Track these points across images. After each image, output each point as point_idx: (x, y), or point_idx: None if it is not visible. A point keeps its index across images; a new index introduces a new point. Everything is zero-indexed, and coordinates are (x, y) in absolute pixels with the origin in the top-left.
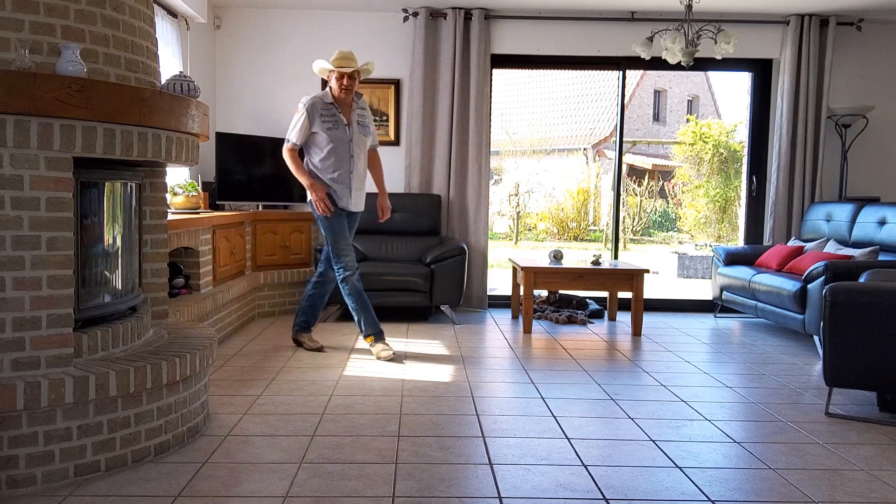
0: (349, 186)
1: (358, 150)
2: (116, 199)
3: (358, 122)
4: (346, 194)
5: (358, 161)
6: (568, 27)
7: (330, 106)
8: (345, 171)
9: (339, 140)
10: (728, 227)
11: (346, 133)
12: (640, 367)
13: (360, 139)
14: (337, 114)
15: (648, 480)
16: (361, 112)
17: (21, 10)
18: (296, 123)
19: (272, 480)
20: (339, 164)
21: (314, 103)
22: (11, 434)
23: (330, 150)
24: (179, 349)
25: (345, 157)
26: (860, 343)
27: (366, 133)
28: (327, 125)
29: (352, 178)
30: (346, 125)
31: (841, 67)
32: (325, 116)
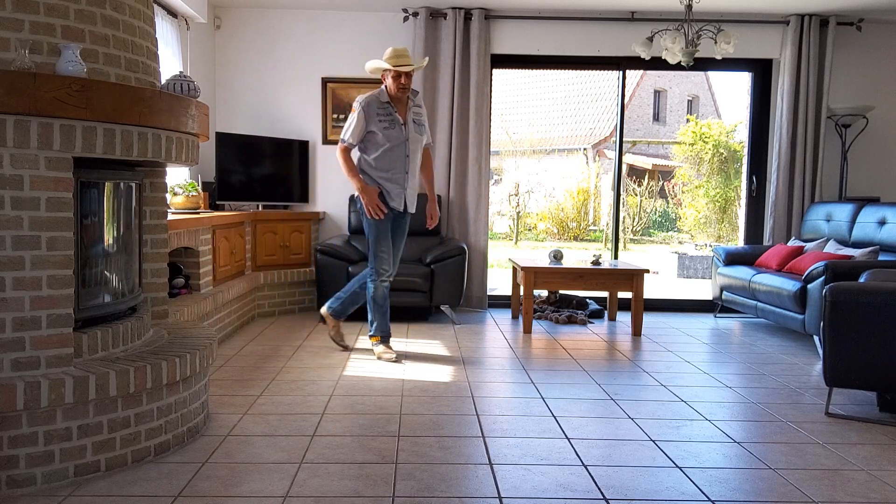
0: (403, 186)
1: (414, 148)
2: (116, 199)
3: (414, 121)
4: (399, 194)
5: (413, 160)
6: (568, 27)
7: (386, 105)
8: (399, 170)
9: (396, 139)
10: (728, 227)
11: (402, 132)
12: (640, 367)
13: (415, 138)
14: (393, 113)
15: (648, 480)
16: (417, 110)
17: (21, 10)
18: (351, 123)
19: (272, 480)
20: (395, 163)
21: (370, 102)
22: (11, 434)
23: (386, 149)
24: (179, 349)
25: (400, 157)
26: (860, 343)
27: (421, 132)
28: (384, 124)
29: (407, 177)
30: (402, 124)
31: (841, 67)
32: (381, 115)
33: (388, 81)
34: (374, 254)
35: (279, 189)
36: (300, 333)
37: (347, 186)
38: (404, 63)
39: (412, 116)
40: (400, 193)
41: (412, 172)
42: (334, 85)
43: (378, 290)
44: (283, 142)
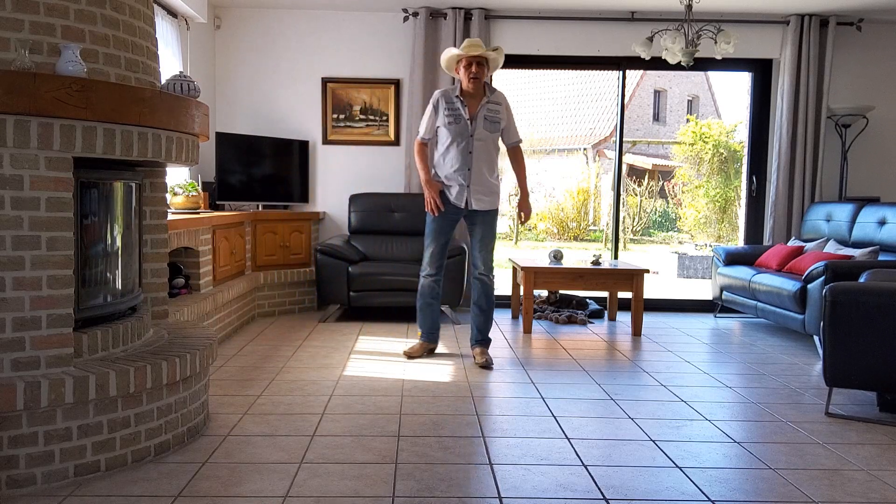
0: (466, 183)
1: (480, 145)
2: (116, 199)
3: (485, 118)
4: (461, 191)
5: (479, 158)
6: (568, 27)
7: (455, 99)
8: (462, 167)
9: (459, 135)
10: (728, 227)
11: (467, 128)
12: (640, 367)
13: (484, 135)
14: (461, 108)
15: (648, 480)
16: (493, 107)
17: (21, 10)
18: (424, 117)
19: (272, 480)
20: (457, 159)
21: (441, 97)
22: (11, 434)
23: (449, 144)
24: (179, 349)
25: (463, 153)
26: (860, 343)
27: (493, 129)
28: (448, 119)
29: (470, 174)
30: (467, 119)
31: (841, 67)
32: (448, 110)
33: (461, 72)
34: (425, 248)
35: (279, 189)
36: (300, 333)
37: (347, 186)
38: (474, 52)
39: (484, 113)
40: (462, 191)
41: (477, 170)
42: (334, 85)
43: (421, 284)
44: (283, 142)
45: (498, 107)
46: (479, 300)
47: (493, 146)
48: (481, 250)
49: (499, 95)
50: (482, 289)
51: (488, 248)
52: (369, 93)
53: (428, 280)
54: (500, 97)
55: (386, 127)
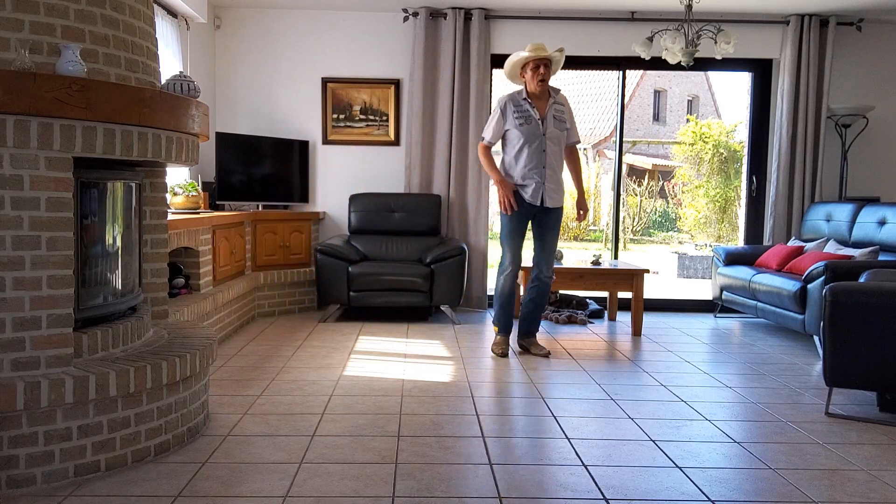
0: (541, 182)
1: (552, 145)
2: (116, 199)
3: (554, 117)
4: (536, 190)
5: (552, 156)
6: (568, 27)
7: (523, 101)
8: (537, 166)
9: (532, 135)
10: (728, 227)
11: (539, 128)
12: (640, 367)
13: (554, 134)
14: (531, 109)
15: (648, 480)
16: (559, 108)
17: (21, 10)
18: (490, 122)
19: (272, 480)
20: (531, 159)
21: (508, 101)
22: (11, 434)
23: (522, 145)
24: (179, 349)
25: (537, 153)
26: (860, 343)
27: (561, 128)
28: (519, 121)
29: (545, 172)
30: (539, 120)
31: (841, 67)
32: (517, 112)
33: (528, 75)
34: (502, 248)
35: (279, 189)
36: (300, 333)
37: (347, 186)
38: (541, 53)
39: (552, 113)
40: (537, 189)
41: (551, 168)
42: (334, 85)
43: (503, 281)
44: (283, 142)
45: (562, 107)
46: (537, 298)
47: (560, 146)
48: (548, 252)
49: (562, 96)
50: (541, 288)
51: (553, 250)
52: (369, 93)
53: (510, 279)
54: (563, 98)
55: (386, 127)
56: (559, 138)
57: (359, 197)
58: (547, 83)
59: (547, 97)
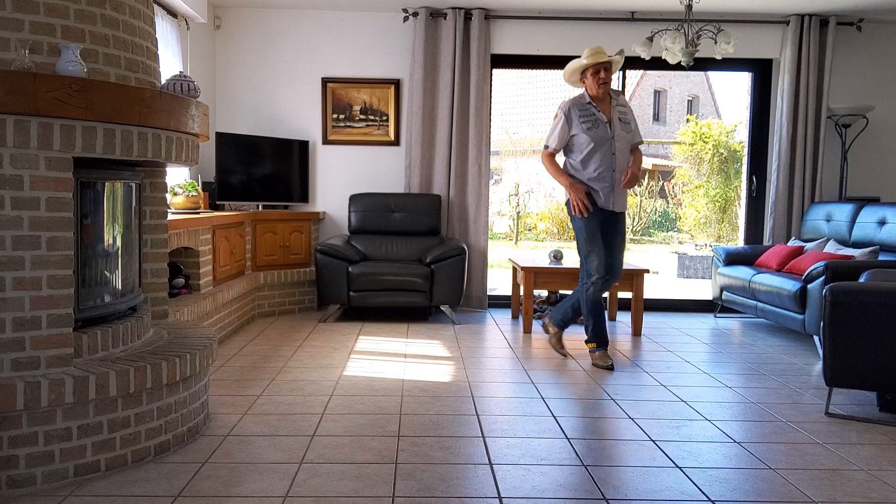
0: (611, 185)
1: (621, 147)
2: (116, 199)
3: (619, 119)
4: (608, 194)
5: (621, 159)
6: (568, 27)
7: (588, 106)
8: (606, 169)
9: (601, 139)
10: (728, 227)
11: (607, 131)
12: (640, 367)
13: (622, 136)
14: (596, 113)
15: (648, 480)
16: (622, 109)
17: (21, 10)
18: (553, 129)
19: (272, 480)
20: (601, 162)
21: (571, 106)
22: (11, 434)
23: (591, 149)
24: (179, 349)
25: (607, 156)
26: (860, 343)
27: (628, 130)
28: (587, 125)
29: (614, 176)
30: (606, 123)
31: (841, 67)
32: (583, 117)
33: (588, 80)
34: (584, 254)
35: (279, 189)
36: (300, 333)
37: (347, 186)
38: (600, 58)
39: (617, 115)
40: (608, 193)
41: (620, 170)
42: (334, 85)
43: (592, 292)
44: (283, 142)
45: (625, 108)
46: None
47: (628, 147)
48: (619, 256)
49: (622, 98)
50: (598, 295)
51: (622, 254)
52: (369, 93)
53: (599, 286)
54: (623, 99)
55: (386, 127)
56: (626, 140)
57: (359, 197)
58: (609, 86)
59: (609, 99)
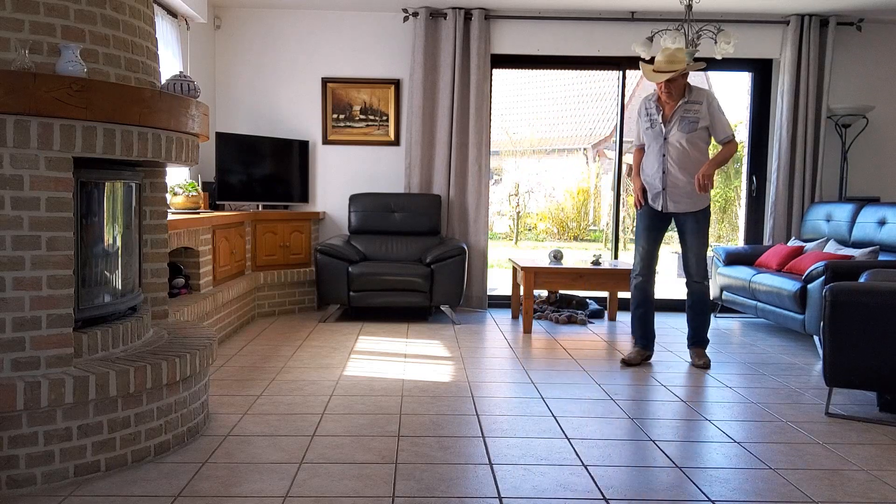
0: (662, 187)
1: (675, 148)
2: (116, 199)
3: (682, 118)
4: (656, 194)
5: (674, 160)
6: (568, 27)
7: (653, 104)
8: (655, 170)
9: (654, 139)
10: (728, 227)
11: (661, 132)
12: (641, 367)
13: (678, 136)
14: (655, 113)
15: (648, 480)
16: (691, 107)
17: (21, 10)
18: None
19: (272, 480)
20: (653, 163)
21: (643, 103)
22: (11, 434)
23: (648, 149)
24: (179, 349)
25: (657, 156)
26: (860, 343)
27: (689, 129)
28: (646, 125)
29: (665, 178)
30: (661, 123)
31: (841, 67)
32: (646, 116)
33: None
34: (635, 248)
35: (279, 189)
36: (300, 333)
37: (347, 186)
38: (662, 69)
39: (681, 114)
40: (658, 193)
41: (672, 173)
42: (334, 85)
43: (632, 287)
44: (283, 142)
45: (697, 105)
46: (694, 305)
47: (692, 147)
48: (692, 256)
49: (701, 94)
50: (695, 295)
51: (698, 254)
52: (369, 93)
53: (638, 282)
54: (701, 95)
55: (386, 127)
56: (688, 140)
57: (359, 197)
58: (674, 95)
59: (679, 97)
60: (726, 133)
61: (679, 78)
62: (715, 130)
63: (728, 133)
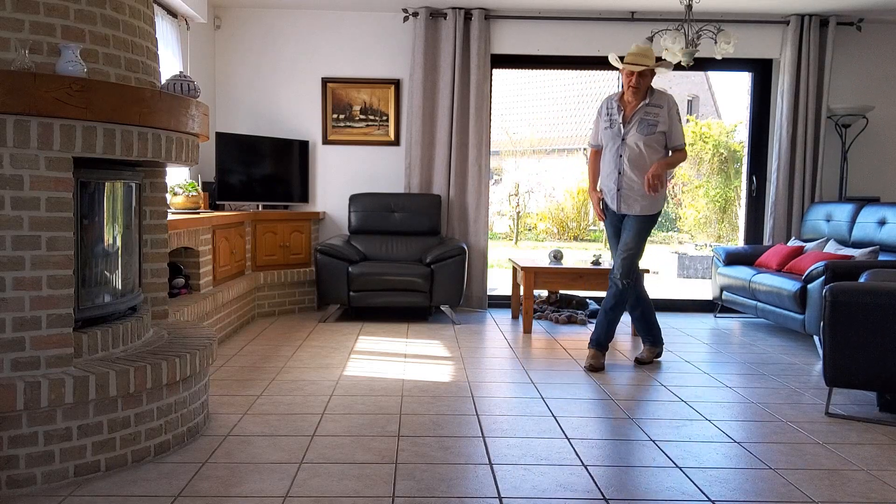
0: (617, 188)
1: (632, 150)
2: (116, 199)
3: (640, 121)
4: (613, 196)
5: (631, 162)
6: (568, 27)
7: (615, 104)
8: (612, 171)
9: (612, 139)
10: (728, 227)
11: (619, 132)
12: (640, 367)
13: (636, 138)
14: (616, 113)
15: (648, 480)
16: (651, 110)
17: (21, 10)
18: (593, 124)
19: (272, 480)
20: (609, 164)
21: (604, 102)
22: (11, 434)
23: (605, 149)
24: (179, 349)
25: (615, 157)
26: (860, 343)
27: (648, 132)
28: (605, 125)
29: (621, 179)
30: (620, 124)
31: (841, 67)
32: (606, 115)
33: (622, 79)
34: None
35: (279, 189)
36: (300, 333)
37: (347, 186)
38: (636, 61)
39: (640, 115)
40: (614, 195)
41: (626, 174)
42: (334, 85)
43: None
44: (283, 142)
45: (658, 109)
46: (607, 300)
47: (649, 150)
48: (620, 254)
49: (661, 98)
50: (611, 291)
51: (627, 255)
52: (369, 93)
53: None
54: (662, 99)
55: (386, 127)
56: (645, 143)
57: (359, 197)
58: (641, 90)
59: (641, 99)
60: (681, 141)
61: (648, 74)
62: (671, 137)
63: (682, 141)
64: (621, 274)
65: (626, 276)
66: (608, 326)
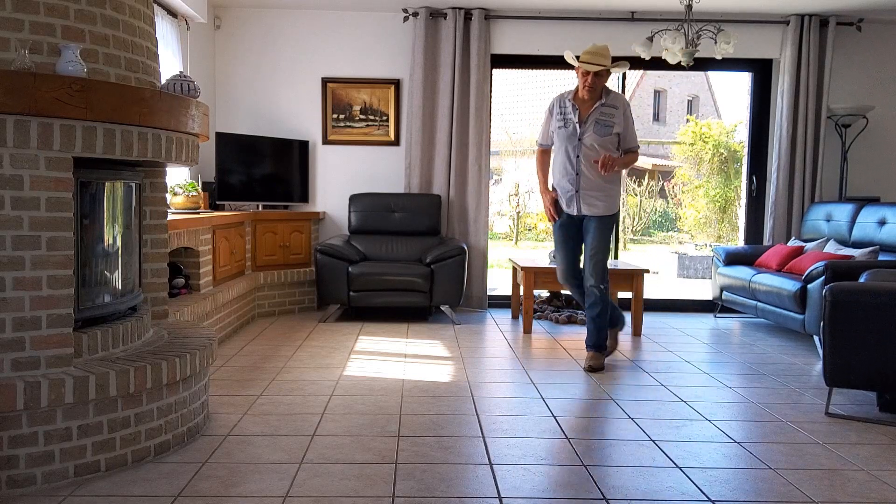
0: (575, 189)
1: (588, 151)
2: (116, 199)
3: (597, 121)
4: (570, 198)
5: (586, 161)
6: (568, 27)
7: (568, 103)
8: (568, 172)
9: (567, 139)
10: (728, 227)
11: (575, 132)
12: (640, 367)
13: (593, 139)
14: (571, 112)
15: (648, 480)
16: (607, 111)
17: (21, 10)
18: (542, 123)
19: (272, 480)
20: (565, 165)
21: (556, 101)
22: (11, 434)
23: (559, 149)
24: (179, 349)
25: (571, 158)
26: (860, 343)
27: (604, 133)
28: (559, 124)
29: (579, 180)
30: (576, 123)
31: (841, 67)
32: (559, 115)
33: (578, 78)
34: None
35: (279, 189)
36: (300, 333)
37: (347, 186)
38: (592, 61)
39: (597, 116)
40: (572, 197)
41: (585, 174)
42: (334, 85)
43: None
44: (283, 142)
45: (613, 110)
46: (591, 308)
47: (605, 151)
48: (590, 260)
49: (616, 99)
50: (591, 297)
51: (597, 258)
52: (369, 93)
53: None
54: (618, 101)
55: (386, 127)
56: (602, 144)
57: (359, 197)
58: (596, 91)
59: (597, 99)
60: (635, 143)
61: (604, 74)
62: (625, 138)
63: (636, 144)
64: (596, 280)
65: (601, 282)
66: (599, 331)
